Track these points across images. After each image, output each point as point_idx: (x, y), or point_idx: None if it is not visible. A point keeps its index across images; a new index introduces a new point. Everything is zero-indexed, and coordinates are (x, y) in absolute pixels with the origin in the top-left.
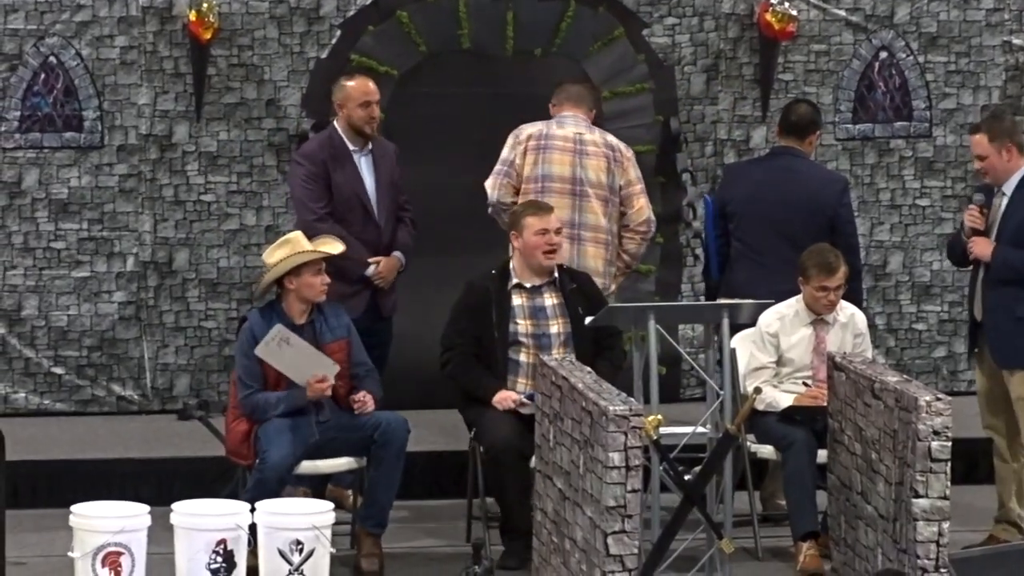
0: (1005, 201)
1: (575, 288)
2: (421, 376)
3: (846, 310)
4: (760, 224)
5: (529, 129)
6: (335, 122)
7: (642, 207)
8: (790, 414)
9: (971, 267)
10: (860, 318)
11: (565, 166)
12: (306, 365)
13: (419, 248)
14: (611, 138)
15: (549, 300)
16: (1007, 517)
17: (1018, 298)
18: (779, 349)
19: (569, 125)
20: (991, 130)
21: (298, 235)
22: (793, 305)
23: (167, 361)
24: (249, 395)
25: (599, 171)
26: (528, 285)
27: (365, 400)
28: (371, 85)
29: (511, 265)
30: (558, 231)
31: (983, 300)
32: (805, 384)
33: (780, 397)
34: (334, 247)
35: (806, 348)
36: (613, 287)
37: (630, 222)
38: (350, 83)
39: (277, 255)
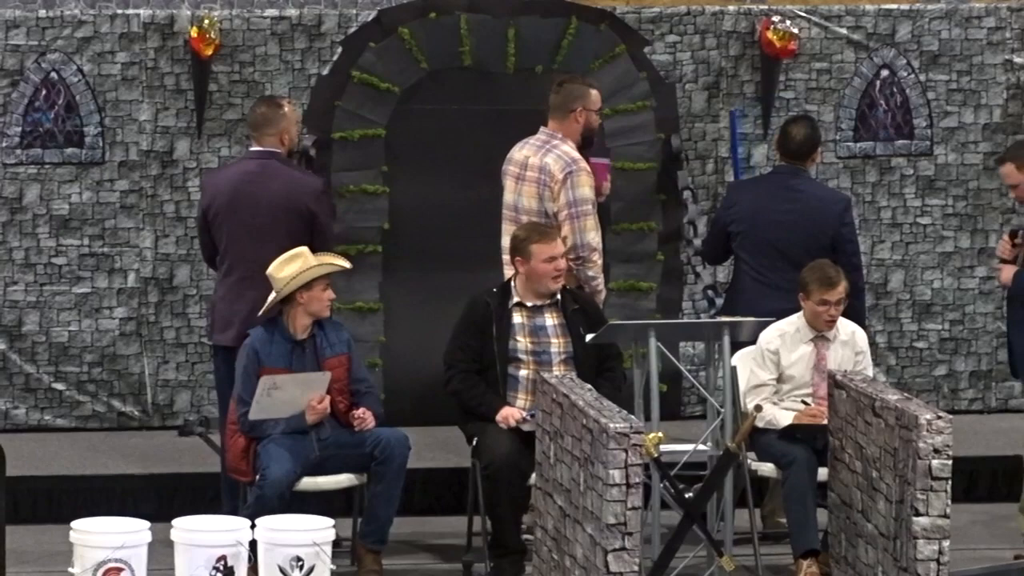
0: None
1: (577, 308)
2: (420, 392)
3: (847, 327)
4: (762, 242)
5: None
6: (279, 149)
7: (567, 234)
8: (790, 432)
9: None
10: (861, 336)
11: (511, 193)
12: (301, 393)
13: (419, 264)
14: (550, 159)
15: (550, 320)
16: None
17: None
18: (779, 366)
19: (527, 147)
20: (1016, 158)
21: (305, 250)
22: (794, 322)
23: (168, 377)
24: (247, 413)
25: (531, 198)
26: (529, 304)
27: (364, 417)
28: None
29: (513, 284)
30: (563, 255)
31: (1009, 315)
32: (804, 402)
33: (780, 415)
34: (343, 261)
35: (807, 365)
36: None
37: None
38: (288, 107)
39: (288, 270)
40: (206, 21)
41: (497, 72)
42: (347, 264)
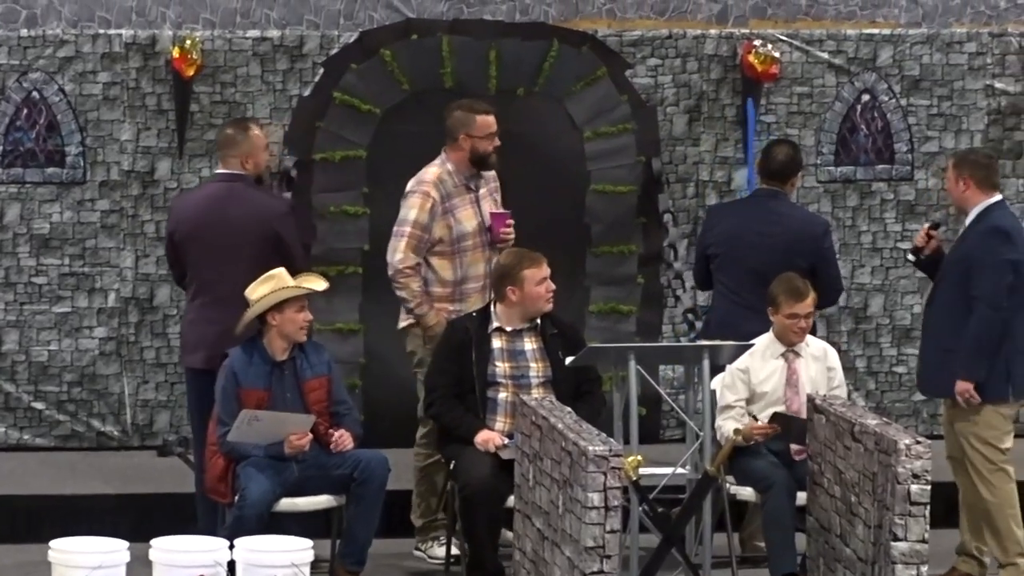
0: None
1: (556, 333)
2: (400, 414)
3: (818, 344)
4: (742, 265)
5: None
6: (242, 172)
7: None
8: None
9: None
10: (832, 353)
11: None
12: (282, 429)
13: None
14: (413, 179)
15: (529, 344)
16: (965, 549)
17: (950, 332)
18: (750, 385)
19: None
20: (957, 161)
21: (282, 271)
22: (764, 340)
23: (147, 397)
24: (228, 433)
25: None
26: (509, 329)
27: (342, 438)
28: None
29: (493, 309)
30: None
31: (923, 327)
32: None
33: (727, 426)
34: (318, 284)
35: (779, 380)
36: (401, 323)
37: None
38: (256, 131)
39: (260, 291)
40: (188, 41)
41: (478, 94)
42: (320, 287)
